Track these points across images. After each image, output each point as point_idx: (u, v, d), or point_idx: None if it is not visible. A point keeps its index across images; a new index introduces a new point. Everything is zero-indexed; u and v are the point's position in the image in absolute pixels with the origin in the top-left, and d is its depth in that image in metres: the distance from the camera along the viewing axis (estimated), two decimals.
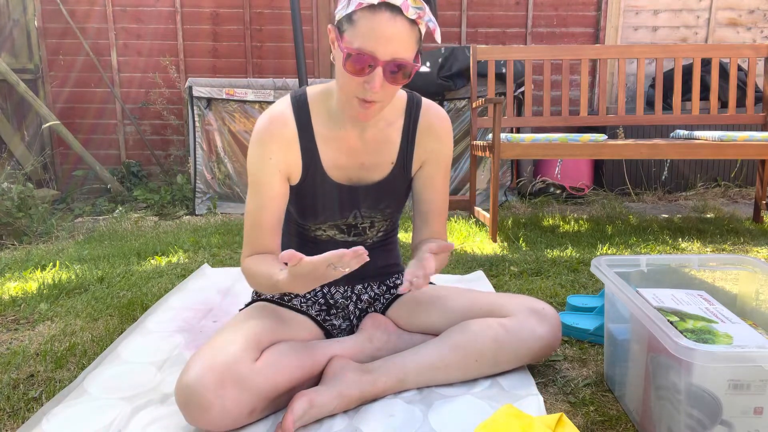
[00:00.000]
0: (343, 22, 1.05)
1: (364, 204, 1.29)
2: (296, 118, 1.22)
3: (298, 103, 1.23)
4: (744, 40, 4.60)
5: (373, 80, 1.04)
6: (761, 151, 2.61)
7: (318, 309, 1.34)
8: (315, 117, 1.23)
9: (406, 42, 1.03)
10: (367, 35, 1.01)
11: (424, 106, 1.29)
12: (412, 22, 1.03)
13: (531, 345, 1.24)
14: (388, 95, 1.09)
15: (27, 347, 1.48)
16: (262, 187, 1.20)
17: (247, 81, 3.70)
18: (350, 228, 1.32)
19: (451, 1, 4.53)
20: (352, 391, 1.12)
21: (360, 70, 1.04)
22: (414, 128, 1.28)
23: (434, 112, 1.30)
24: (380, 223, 1.35)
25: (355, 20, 1.02)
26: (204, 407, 1.00)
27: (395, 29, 1.01)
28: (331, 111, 1.22)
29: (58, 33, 4.45)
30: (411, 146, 1.29)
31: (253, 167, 1.21)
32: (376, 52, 1.02)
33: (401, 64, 1.04)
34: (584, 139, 2.65)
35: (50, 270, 2.24)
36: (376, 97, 1.07)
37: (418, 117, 1.28)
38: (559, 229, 2.95)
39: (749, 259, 1.28)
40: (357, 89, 1.07)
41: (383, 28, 1.01)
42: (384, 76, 1.04)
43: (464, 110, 3.85)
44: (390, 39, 1.01)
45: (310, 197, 1.26)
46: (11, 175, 3.45)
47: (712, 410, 0.88)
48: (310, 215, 1.28)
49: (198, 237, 2.83)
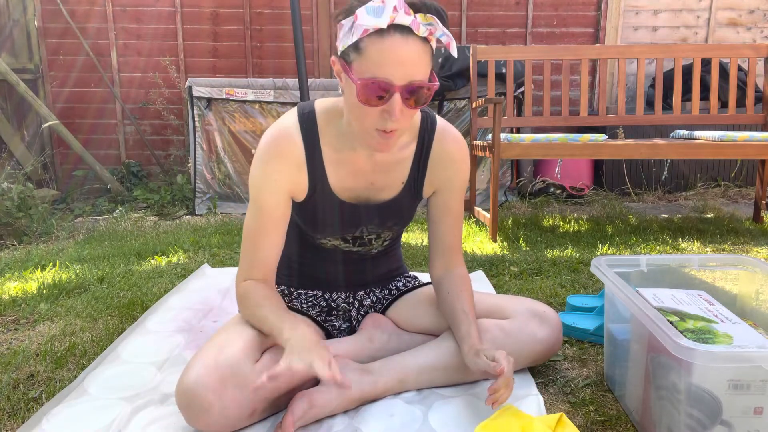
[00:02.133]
0: (349, 52, 0.98)
1: (371, 222, 1.25)
2: (304, 137, 1.15)
3: (305, 122, 1.16)
4: (744, 40, 4.60)
5: (392, 108, 0.97)
6: (761, 151, 2.61)
7: (318, 310, 1.34)
8: (323, 137, 1.16)
9: (420, 62, 0.97)
10: (379, 62, 0.95)
11: (439, 130, 1.22)
12: (424, 40, 0.97)
13: (532, 348, 1.24)
14: (407, 120, 1.03)
15: (27, 347, 1.48)
16: (264, 209, 1.14)
17: (247, 81, 3.70)
18: (356, 239, 1.29)
19: (451, 1, 4.53)
20: (352, 392, 1.12)
21: (376, 100, 0.98)
22: (427, 154, 1.22)
23: (450, 139, 1.23)
24: (387, 234, 1.31)
25: (363, 48, 0.96)
26: (204, 408, 0.99)
27: (408, 51, 0.95)
28: (340, 131, 1.16)
29: (58, 33, 4.45)
30: (423, 171, 1.23)
31: (255, 186, 1.14)
32: (392, 78, 0.95)
33: (419, 87, 0.98)
34: (584, 139, 2.65)
35: (50, 270, 2.24)
36: (395, 125, 1.01)
37: (431, 142, 1.22)
38: (559, 229, 2.95)
39: (749, 259, 1.28)
40: (375, 120, 1.01)
41: (396, 52, 0.94)
42: (402, 101, 0.98)
43: (464, 110, 3.85)
44: (404, 62, 0.95)
45: (314, 213, 1.22)
46: (11, 175, 3.45)
47: (712, 410, 0.88)
48: (313, 229, 1.25)
49: (198, 237, 2.83)
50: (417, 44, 0.96)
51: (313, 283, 1.35)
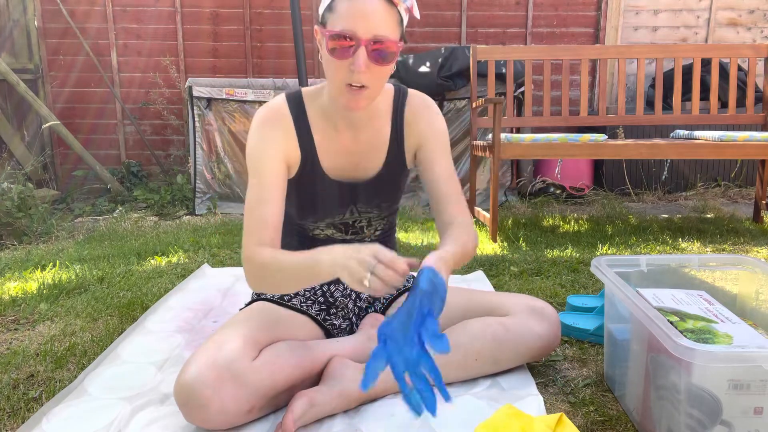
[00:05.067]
0: (324, 14, 1.09)
1: (360, 200, 1.29)
2: (292, 112, 1.23)
3: (293, 100, 1.24)
4: (744, 40, 4.60)
5: (357, 60, 1.04)
6: (761, 151, 2.61)
7: (318, 309, 1.34)
8: (310, 113, 1.24)
9: (385, 19, 1.05)
10: (346, 16, 1.04)
11: (409, 95, 1.30)
12: (389, 2, 1.05)
13: (531, 344, 1.24)
14: (375, 79, 1.09)
15: (27, 347, 1.48)
16: (264, 175, 1.17)
17: (247, 81, 3.70)
18: (348, 227, 1.33)
19: (451, 1, 4.53)
20: (352, 391, 1.12)
21: (343, 52, 1.05)
22: (401, 118, 1.28)
23: (418, 99, 1.30)
24: (378, 221, 1.35)
25: (334, 7, 1.06)
26: (202, 404, 1.00)
27: (373, 7, 1.03)
28: (324, 109, 1.23)
29: (58, 33, 4.45)
30: (400, 135, 1.29)
31: (253, 155, 1.19)
32: (357, 30, 1.03)
33: (383, 42, 1.05)
34: (584, 139, 2.65)
35: (50, 270, 2.24)
36: (363, 79, 1.07)
37: (404, 106, 1.29)
38: (559, 229, 2.95)
39: (749, 259, 1.28)
40: (344, 74, 1.07)
41: (360, 7, 1.03)
42: (368, 56, 1.05)
43: (464, 110, 3.85)
44: (368, 16, 1.03)
45: (307, 193, 1.26)
46: (11, 175, 3.45)
47: (712, 410, 0.88)
48: (309, 212, 1.28)
49: (198, 237, 2.83)
50: (382, 3, 1.05)
51: None
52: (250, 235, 1.15)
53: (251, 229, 1.15)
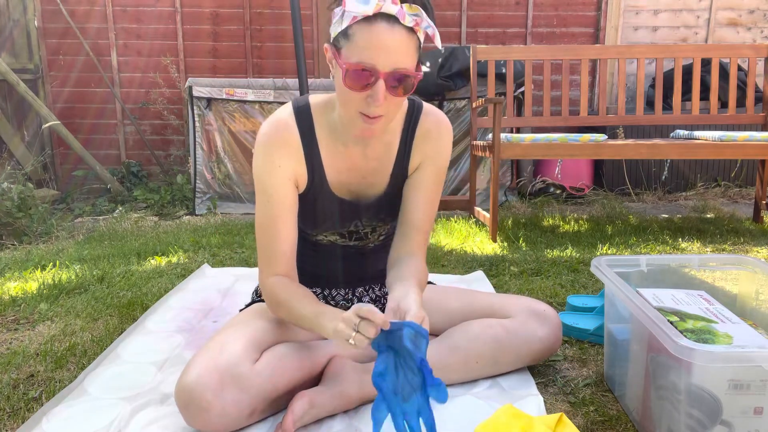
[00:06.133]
0: (339, 38, 1.02)
1: (365, 216, 1.26)
2: (300, 128, 1.17)
3: (300, 114, 1.18)
4: (744, 40, 4.60)
5: (375, 94, 0.99)
6: (761, 151, 2.61)
7: None
8: (318, 130, 1.18)
9: (405, 51, 0.99)
10: (366, 48, 0.98)
11: (424, 111, 1.24)
12: (410, 30, 0.99)
13: (531, 346, 1.24)
14: (392, 108, 1.05)
15: (27, 347, 1.48)
16: (274, 196, 1.15)
17: (247, 81, 3.70)
18: (352, 234, 1.30)
19: (451, 1, 4.53)
20: (352, 391, 1.12)
21: (361, 85, 1.00)
22: (412, 134, 1.23)
23: (434, 117, 1.24)
24: (382, 227, 1.32)
25: (351, 34, 0.99)
26: (204, 408, 1.00)
27: (394, 39, 0.98)
28: (333, 125, 1.18)
29: (58, 33, 4.45)
30: (408, 151, 1.23)
31: (261, 176, 1.15)
32: (377, 64, 0.98)
33: (403, 75, 1.00)
34: (584, 139, 2.65)
35: (50, 270, 2.24)
36: (379, 111, 1.03)
37: (417, 122, 1.23)
38: (559, 229, 2.95)
39: (749, 259, 1.28)
40: (360, 105, 1.03)
41: (381, 39, 0.97)
42: (386, 88, 1.00)
43: (464, 110, 3.85)
44: (389, 49, 0.98)
45: (311, 208, 1.23)
46: (11, 175, 3.45)
47: (712, 410, 0.88)
48: (311, 224, 1.26)
49: (198, 237, 2.83)
50: (403, 33, 0.99)
51: (312, 280, 1.35)
52: (264, 264, 1.17)
53: (265, 259, 1.17)
